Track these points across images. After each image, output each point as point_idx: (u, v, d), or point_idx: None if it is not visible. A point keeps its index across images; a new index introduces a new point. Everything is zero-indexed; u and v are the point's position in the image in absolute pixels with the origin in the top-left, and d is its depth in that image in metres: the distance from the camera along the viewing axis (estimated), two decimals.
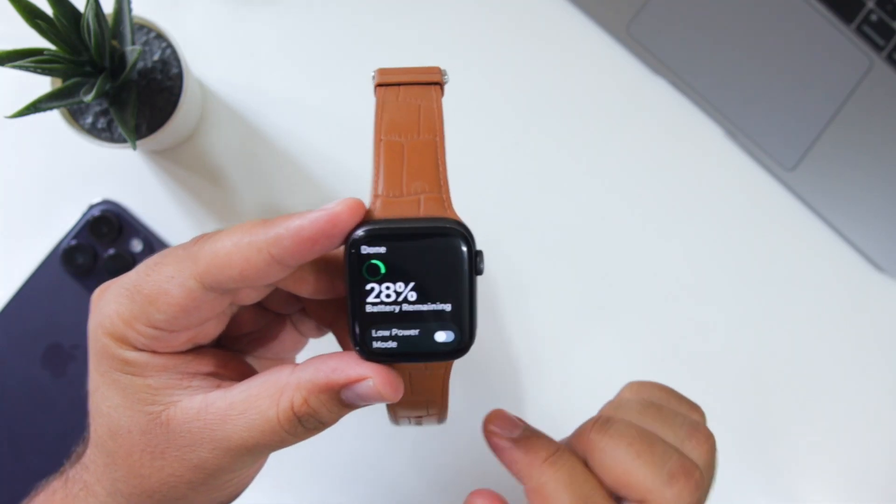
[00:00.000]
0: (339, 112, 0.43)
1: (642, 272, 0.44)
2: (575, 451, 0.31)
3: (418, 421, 0.34)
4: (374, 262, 0.27)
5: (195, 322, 0.29)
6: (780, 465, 0.43)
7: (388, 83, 0.30)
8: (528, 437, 0.31)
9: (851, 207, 0.42)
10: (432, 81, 0.30)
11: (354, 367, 0.28)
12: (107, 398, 0.30)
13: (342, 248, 0.28)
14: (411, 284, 0.28)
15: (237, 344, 0.35)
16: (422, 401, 0.31)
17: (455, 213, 0.27)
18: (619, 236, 0.44)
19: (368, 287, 0.27)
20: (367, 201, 0.28)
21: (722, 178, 0.44)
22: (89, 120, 0.40)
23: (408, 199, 0.28)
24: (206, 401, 0.29)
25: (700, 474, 0.31)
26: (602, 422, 0.32)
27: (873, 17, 0.41)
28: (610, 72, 0.44)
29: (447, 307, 0.28)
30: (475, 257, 0.27)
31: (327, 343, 0.34)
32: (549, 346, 0.43)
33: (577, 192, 0.44)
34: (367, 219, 0.28)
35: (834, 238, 0.44)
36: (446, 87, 0.31)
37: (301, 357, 0.34)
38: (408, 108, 0.30)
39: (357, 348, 0.28)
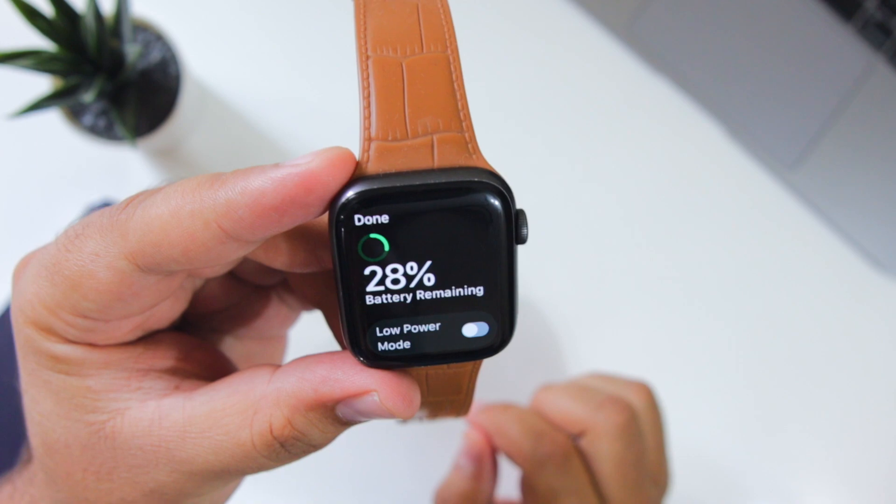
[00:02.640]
0: (336, 109, 0.43)
1: (643, 270, 0.44)
2: None
3: (432, 418, 0.28)
4: (373, 236, 0.20)
5: (136, 309, 0.23)
6: (779, 462, 0.43)
7: None
8: (487, 405, 0.36)
9: (854, 205, 0.42)
10: None
11: (353, 377, 0.21)
12: (37, 403, 0.24)
13: (326, 214, 0.21)
14: (427, 263, 0.20)
15: (209, 322, 0.28)
16: (442, 402, 0.26)
17: (485, 161, 0.20)
18: (618, 235, 0.44)
19: (368, 271, 0.20)
20: (357, 149, 0.20)
21: (723, 176, 0.44)
22: (89, 119, 0.41)
23: (415, 141, 0.20)
24: (159, 410, 0.23)
25: (628, 403, 0.36)
26: (546, 385, 0.38)
27: (873, 17, 0.41)
28: (611, 70, 0.44)
29: (479, 290, 0.21)
30: (515, 220, 0.20)
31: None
32: (551, 342, 0.43)
33: (578, 189, 0.44)
34: (358, 174, 0.20)
35: (835, 235, 0.44)
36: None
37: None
38: (402, 8, 0.21)
39: (355, 352, 0.21)
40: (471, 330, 0.21)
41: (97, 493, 0.24)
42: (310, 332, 0.33)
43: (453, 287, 0.20)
